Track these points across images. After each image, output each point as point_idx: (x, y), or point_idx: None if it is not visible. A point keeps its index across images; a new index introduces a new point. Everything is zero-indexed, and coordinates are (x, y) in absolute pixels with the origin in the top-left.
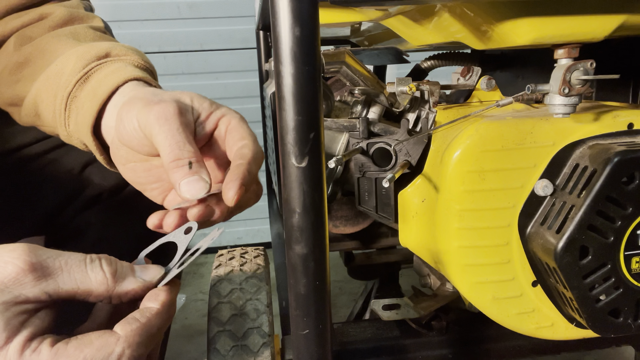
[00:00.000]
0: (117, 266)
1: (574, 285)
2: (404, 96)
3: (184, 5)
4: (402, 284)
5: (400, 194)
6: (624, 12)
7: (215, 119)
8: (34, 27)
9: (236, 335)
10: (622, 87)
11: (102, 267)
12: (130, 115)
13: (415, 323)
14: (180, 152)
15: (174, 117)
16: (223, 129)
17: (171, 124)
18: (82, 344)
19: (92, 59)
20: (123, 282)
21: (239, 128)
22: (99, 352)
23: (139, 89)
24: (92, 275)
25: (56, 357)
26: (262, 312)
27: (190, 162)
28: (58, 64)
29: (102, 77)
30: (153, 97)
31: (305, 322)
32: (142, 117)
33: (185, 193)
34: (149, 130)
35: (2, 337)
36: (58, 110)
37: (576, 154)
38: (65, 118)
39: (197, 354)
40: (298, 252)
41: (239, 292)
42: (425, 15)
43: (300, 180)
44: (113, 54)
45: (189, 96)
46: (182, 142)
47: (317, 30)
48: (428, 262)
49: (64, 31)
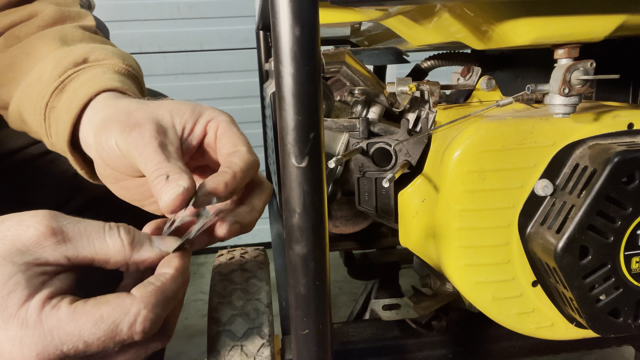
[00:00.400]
0: (135, 235)
1: (574, 285)
2: (404, 96)
3: (184, 5)
4: (402, 284)
5: (400, 194)
6: (624, 12)
7: (202, 127)
8: (22, 26)
9: (236, 335)
10: (622, 87)
11: (119, 235)
12: (110, 142)
13: (415, 323)
14: (159, 170)
15: (152, 141)
16: (212, 135)
17: (149, 149)
18: (100, 302)
19: (69, 66)
20: (140, 251)
21: (229, 133)
22: (115, 310)
23: (112, 104)
24: (110, 242)
25: (74, 313)
26: (262, 312)
27: (167, 176)
28: (37, 71)
29: (78, 86)
30: (128, 120)
31: (305, 322)
32: (121, 143)
33: (163, 203)
34: (132, 159)
35: (23, 293)
36: (38, 120)
37: (576, 154)
38: (47, 128)
39: (197, 354)
40: (298, 252)
41: (239, 292)
42: (425, 15)
43: (300, 180)
44: (91, 59)
45: (168, 111)
46: (161, 162)
47: (317, 30)
48: (428, 262)
49: (51, 32)
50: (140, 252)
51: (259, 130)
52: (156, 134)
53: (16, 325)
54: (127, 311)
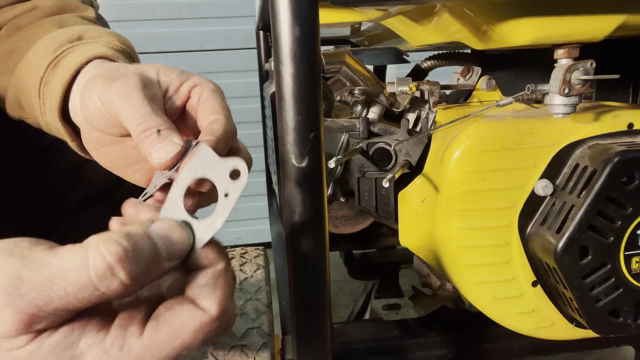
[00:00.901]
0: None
1: (574, 285)
2: (404, 96)
3: (184, 5)
4: (402, 284)
5: (400, 194)
6: (624, 12)
7: (187, 90)
8: (24, 17)
9: (236, 335)
10: (622, 87)
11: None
12: (93, 95)
13: (415, 323)
14: (147, 123)
15: (137, 91)
16: (195, 100)
17: (134, 98)
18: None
19: (64, 42)
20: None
21: (212, 99)
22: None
23: (101, 66)
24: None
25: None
26: (262, 312)
27: (158, 130)
28: (32, 51)
29: (72, 58)
30: (113, 73)
31: (305, 322)
32: (103, 95)
33: (156, 159)
34: (114, 108)
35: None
36: (34, 98)
37: (576, 154)
38: (41, 105)
39: (197, 353)
40: (298, 252)
41: (239, 291)
42: (425, 15)
43: (300, 180)
44: (86, 36)
45: (155, 68)
46: (148, 114)
47: (317, 30)
48: (428, 262)
49: (49, 20)
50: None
51: (259, 130)
52: (141, 85)
53: None
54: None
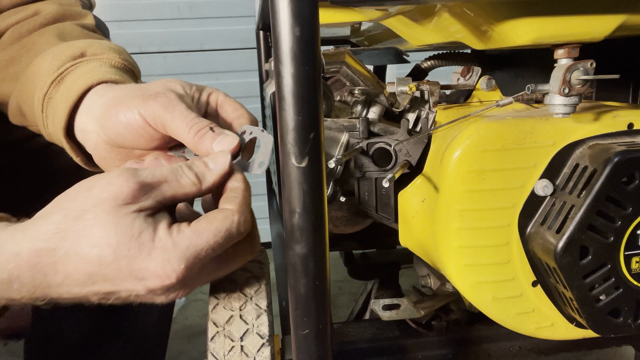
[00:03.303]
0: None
1: (574, 285)
2: (404, 96)
3: (184, 5)
4: (402, 284)
5: (400, 194)
6: (624, 12)
7: (205, 97)
8: (25, 23)
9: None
10: (622, 87)
11: (187, 174)
12: (131, 114)
13: (415, 323)
14: (198, 125)
15: (179, 102)
16: (214, 105)
17: (179, 109)
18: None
19: (67, 59)
20: (205, 180)
21: (229, 101)
22: (224, 221)
23: (117, 87)
24: (183, 182)
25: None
26: (262, 312)
27: (211, 128)
28: (35, 64)
29: (76, 77)
30: (147, 93)
31: (305, 322)
32: (145, 111)
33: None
34: (160, 121)
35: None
36: (37, 111)
37: (576, 154)
38: (44, 119)
39: (197, 353)
40: (298, 252)
41: (239, 292)
42: (425, 15)
43: (300, 180)
44: (89, 52)
45: (178, 83)
46: (196, 118)
47: (317, 30)
48: (428, 262)
49: (50, 29)
50: (207, 180)
51: None
52: (180, 98)
53: (160, 253)
54: (232, 220)
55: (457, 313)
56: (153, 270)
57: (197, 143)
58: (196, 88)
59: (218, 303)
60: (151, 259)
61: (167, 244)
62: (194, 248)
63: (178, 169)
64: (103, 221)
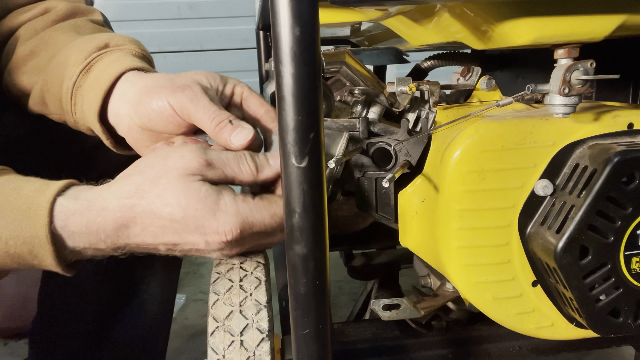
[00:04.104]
0: (258, 160)
1: (574, 285)
2: (404, 96)
3: (184, 5)
4: (402, 284)
5: (400, 194)
6: (624, 12)
7: (230, 90)
8: (38, 20)
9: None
10: (622, 87)
11: (249, 163)
12: (161, 103)
13: (415, 323)
14: (219, 117)
15: (203, 96)
16: (238, 97)
17: (203, 102)
18: (271, 202)
19: (93, 50)
20: (263, 172)
21: (254, 96)
22: (280, 209)
23: (147, 76)
24: (243, 169)
25: (259, 206)
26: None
27: (230, 120)
28: (61, 56)
29: (104, 66)
30: (175, 84)
31: (305, 322)
32: (174, 101)
33: (237, 143)
34: (186, 112)
35: (215, 195)
36: (65, 99)
37: (576, 154)
38: (72, 106)
39: (197, 353)
40: (298, 252)
41: (239, 288)
42: (425, 15)
43: (300, 180)
44: (112, 44)
45: (203, 75)
46: (217, 111)
47: (317, 30)
48: (428, 262)
49: (65, 25)
50: (263, 173)
51: None
52: (204, 91)
53: (222, 215)
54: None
55: (457, 313)
56: (215, 228)
57: (217, 133)
58: (220, 80)
59: (218, 299)
60: (215, 218)
61: (230, 209)
62: (251, 219)
63: (242, 156)
64: (174, 186)
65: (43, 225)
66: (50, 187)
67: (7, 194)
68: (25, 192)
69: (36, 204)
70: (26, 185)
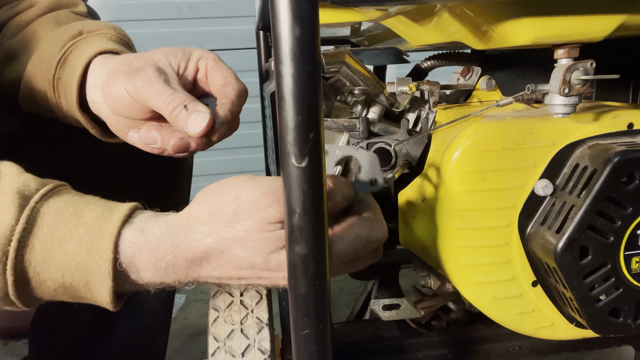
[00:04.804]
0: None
1: (574, 285)
2: (404, 96)
3: (184, 5)
4: (402, 284)
5: (400, 194)
6: (624, 12)
7: (194, 64)
8: (22, 15)
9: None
10: (622, 87)
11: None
12: (119, 89)
13: (415, 323)
14: (173, 102)
15: (157, 79)
16: (203, 70)
17: (156, 86)
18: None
19: (67, 39)
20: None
21: (218, 67)
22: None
23: (112, 60)
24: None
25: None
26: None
27: (185, 106)
28: (39, 50)
29: (78, 54)
30: (131, 67)
31: (305, 322)
32: (129, 88)
33: (193, 131)
34: (142, 99)
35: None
36: (49, 93)
37: (576, 154)
38: (57, 99)
39: (197, 353)
40: (298, 252)
41: (240, 304)
42: (425, 15)
43: (300, 180)
44: (86, 30)
45: (162, 54)
46: (171, 94)
47: (317, 30)
48: (428, 262)
49: (46, 18)
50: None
51: (259, 130)
52: (158, 73)
53: None
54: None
55: (457, 313)
56: None
57: (173, 120)
58: (182, 55)
59: (218, 316)
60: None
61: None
62: (336, 252)
63: None
64: (253, 234)
65: (106, 261)
66: (114, 215)
67: (66, 220)
68: (87, 218)
69: (99, 237)
70: (87, 209)
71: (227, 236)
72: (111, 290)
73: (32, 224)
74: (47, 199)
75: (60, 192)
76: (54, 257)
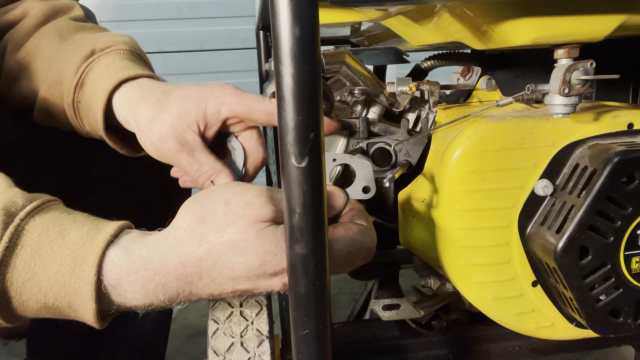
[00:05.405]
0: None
1: (574, 285)
2: (404, 96)
3: (184, 5)
4: (402, 284)
5: (400, 194)
6: (624, 12)
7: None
8: (18, 28)
9: None
10: (622, 87)
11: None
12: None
13: (415, 323)
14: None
15: (179, 153)
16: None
17: (182, 161)
18: (347, 229)
19: (80, 61)
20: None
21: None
22: (358, 234)
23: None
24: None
25: (333, 238)
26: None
27: (211, 182)
28: (53, 72)
29: (95, 77)
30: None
31: (305, 322)
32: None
33: None
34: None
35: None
36: (70, 115)
37: (576, 154)
38: (79, 120)
39: (197, 353)
40: (298, 252)
41: (239, 315)
42: (425, 15)
43: (300, 180)
44: (98, 49)
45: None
46: (198, 169)
47: (317, 30)
48: (428, 262)
49: (48, 30)
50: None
51: None
52: (180, 147)
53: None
54: (365, 234)
55: (457, 313)
56: None
57: (202, 186)
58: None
59: (218, 328)
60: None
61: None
62: (331, 254)
63: None
64: (247, 235)
65: (89, 283)
66: (100, 235)
67: (50, 240)
68: (72, 238)
69: (82, 257)
70: (72, 228)
71: (219, 242)
72: (95, 312)
73: (15, 243)
74: (33, 216)
75: (48, 209)
76: (36, 277)
